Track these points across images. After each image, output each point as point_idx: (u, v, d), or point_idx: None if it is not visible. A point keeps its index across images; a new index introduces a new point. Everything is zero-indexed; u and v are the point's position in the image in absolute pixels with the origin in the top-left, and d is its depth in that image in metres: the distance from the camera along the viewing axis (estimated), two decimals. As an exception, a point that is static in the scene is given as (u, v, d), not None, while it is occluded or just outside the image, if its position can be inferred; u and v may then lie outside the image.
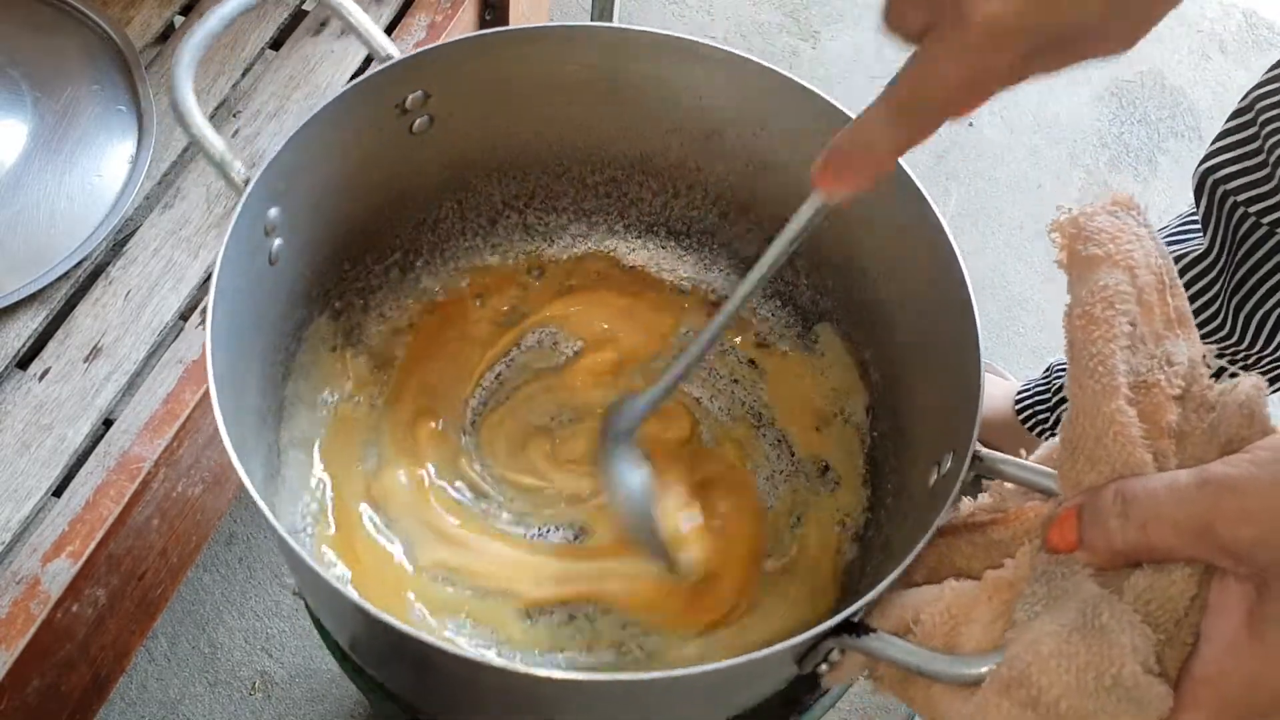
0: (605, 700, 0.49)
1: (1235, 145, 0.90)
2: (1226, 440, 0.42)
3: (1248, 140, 0.88)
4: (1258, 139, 0.87)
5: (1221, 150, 0.91)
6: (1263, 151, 0.87)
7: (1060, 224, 0.47)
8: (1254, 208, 0.88)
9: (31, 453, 0.74)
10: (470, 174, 0.72)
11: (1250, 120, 0.88)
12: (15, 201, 0.82)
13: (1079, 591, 0.41)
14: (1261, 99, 0.87)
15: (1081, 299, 0.45)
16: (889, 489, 0.67)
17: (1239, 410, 0.42)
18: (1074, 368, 0.45)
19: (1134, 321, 0.44)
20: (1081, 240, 0.46)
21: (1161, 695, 0.39)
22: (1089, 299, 0.45)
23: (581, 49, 0.65)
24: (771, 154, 0.68)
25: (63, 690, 0.78)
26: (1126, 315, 0.44)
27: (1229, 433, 0.42)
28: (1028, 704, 0.40)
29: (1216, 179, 0.91)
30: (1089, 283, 0.45)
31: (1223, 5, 1.74)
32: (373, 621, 0.46)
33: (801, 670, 0.51)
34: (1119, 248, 0.46)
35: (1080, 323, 0.45)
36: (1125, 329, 0.44)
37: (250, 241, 0.57)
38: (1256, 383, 0.43)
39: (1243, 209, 0.90)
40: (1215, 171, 0.91)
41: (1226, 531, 0.38)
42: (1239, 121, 0.90)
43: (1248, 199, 0.89)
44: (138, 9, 0.94)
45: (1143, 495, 0.41)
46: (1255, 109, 0.88)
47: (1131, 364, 0.44)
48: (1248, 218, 0.90)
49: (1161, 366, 0.44)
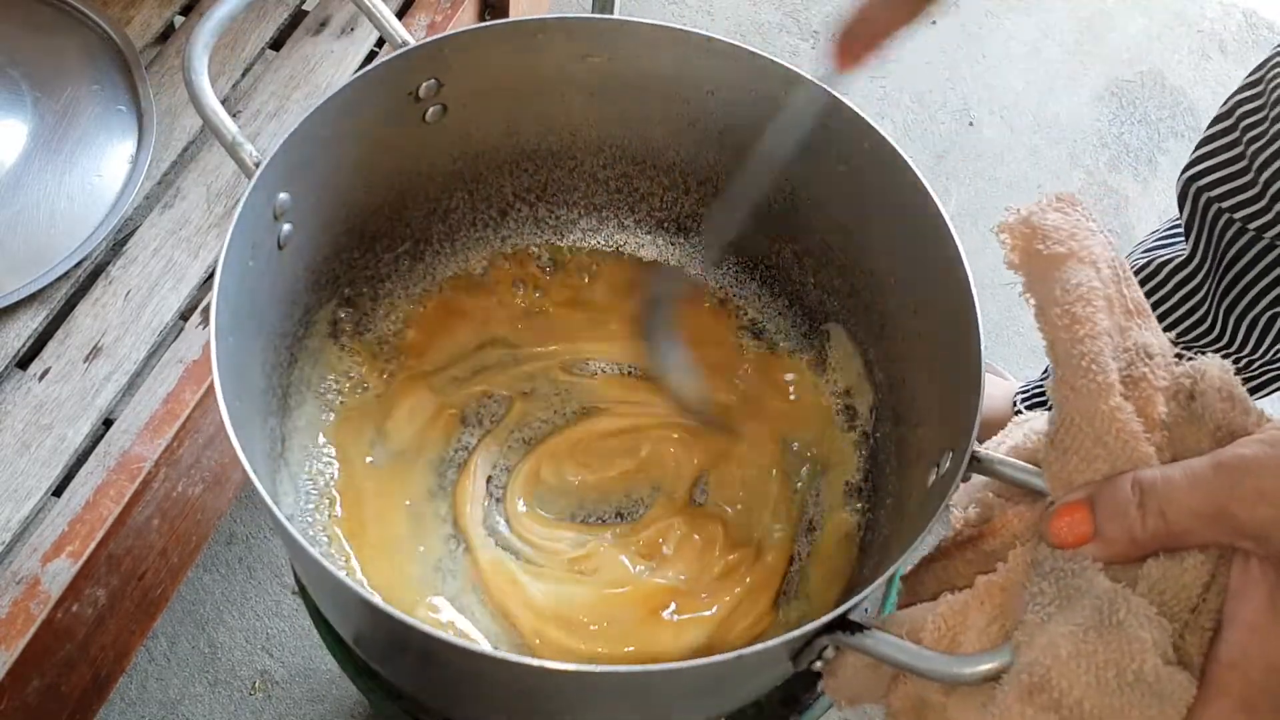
0: (604, 693, 0.50)
1: (1218, 152, 0.90)
2: (1215, 426, 0.42)
3: (1230, 146, 0.89)
4: (1240, 144, 0.87)
5: (1204, 158, 0.91)
6: (1245, 157, 0.87)
7: (1009, 225, 0.47)
8: (1239, 214, 0.88)
9: (31, 453, 0.74)
10: (482, 165, 0.72)
11: (1232, 126, 0.88)
12: (15, 201, 0.82)
13: (1091, 588, 0.41)
14: (1242, 104, 0.87)
15: (1058, 299, 0.45)
16: (888, 489, 0.67)
17: (1218, 395, 0.42)
18: (1062, 369, 0.44)
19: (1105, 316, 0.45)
20: (1039, 239, 0.46)
21: (1183, 685, 0.39)
22: (1066, 298, 0.44)
23: (597, 42, 0.65)
24: (784, 151, 0.68)
25: (63, 690, 0.78)
26: (1103, 310, 0.44)
27: (1215, 419, 0.42)
28: (1050, 708, 0.40)
29: (1200, 186, 0.91)
30: (1060, 281, 0.45)
31: (1223, 5, 1.73)
32: (376, 614, 0.46)
33: (796, 667, 0.51)
34: (1080, 244, 0.45)
35: (1063, 322, 0.44)
36: (1105, 324, 0.44)
37: (259, 225, 0.57)
38: (1223, 364, 0.43)
39: (1227, 215, 0.90)
40: (1199, 179, 0.91)
41: (1244, 512, 0.38)
42: (1220, 128, 0.90)
43: (1233, 205, 0.89)
44: (138, 9, 0.94)
45: (1160, 483, 0.41)
46: (1236, 114, 0.88)
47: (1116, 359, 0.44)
48: (1233, 223, 0.90)
49: (1142, 359, 0.44)
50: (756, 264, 0.76)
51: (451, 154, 0.70)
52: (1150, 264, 1.00)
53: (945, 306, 0.58)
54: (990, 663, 0.43)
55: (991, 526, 0.50)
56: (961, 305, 0.56)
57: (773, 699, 0.63)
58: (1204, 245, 0.94)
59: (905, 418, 0.65)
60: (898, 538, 0.59)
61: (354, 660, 0.65)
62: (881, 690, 0.49)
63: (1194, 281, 0.96)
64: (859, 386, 0.71)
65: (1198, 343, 0.99)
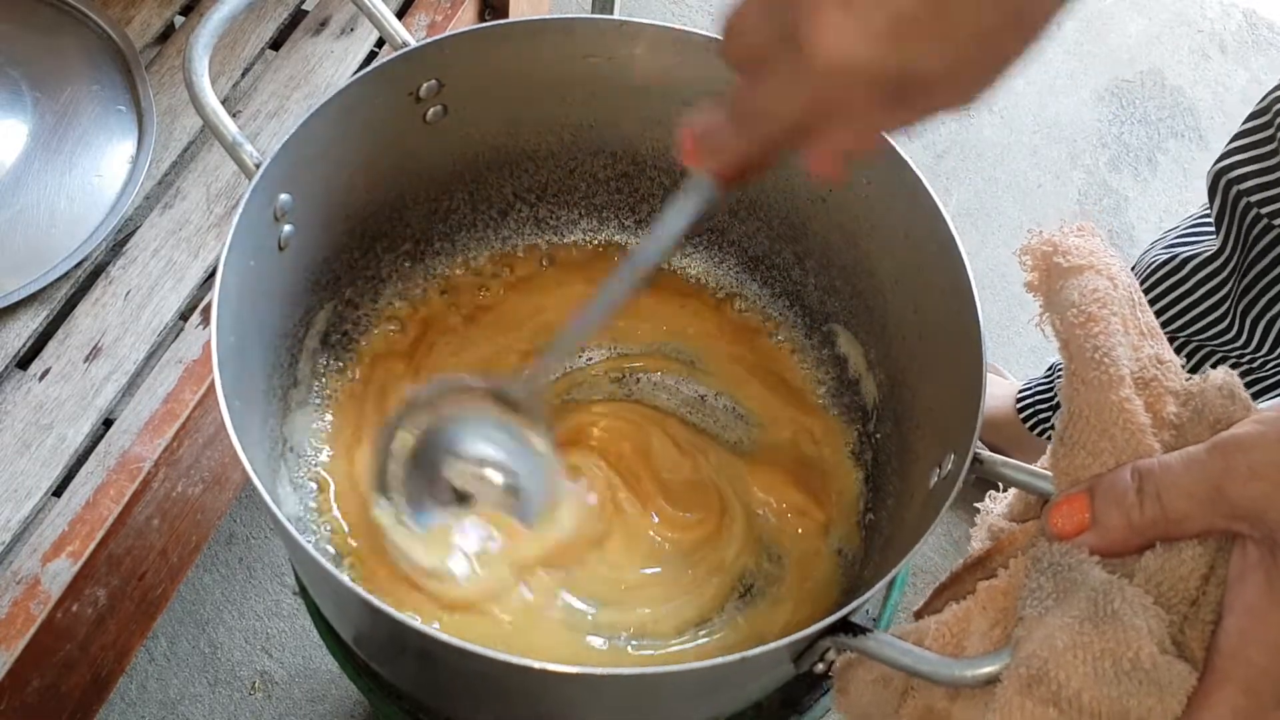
0: (604, 694, 0.50)
1: (1251, 147, 0.90)
2: (1214, 420, 0.43)
3: (1263, 142, 0.88)
4: (1273, 141, 0.87)
5: (1237, 151, 0.91)
6: (1278, 154, 0.87)
7: (1031, 247, 0.49)
8: (1266, 209, 0.88)
9: (31, 453, 0.74)
10: (482, 165, 0.72)
11: (1267, 122, 0.88)
12: (15, 201, 0.82)
13: (1087, 580, 0.41)
14: (1279, 100, 0.87)
15: (1075, 301, 0.46)
16: (890, 490, 0.67)
17: (1219, 392, 0.43)
18: (1074, 364, 0.45)
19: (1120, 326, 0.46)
20: (1060, 254, 0.47)
21: (1181, 674, 0.39)
22: (1083, 300, 0.46)
23: (597, 42, 0.65)
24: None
25: (63, 690, 0.78)
26: (1117, 317, 0.45)
27: (1215, 413, 0.43)
28: (1049, 700, 0.40)
29: (1230, 179, 0.91)
30: (1078, 287, 0.46)
31: (1223, 5, 1.74)
32: (376, 614, 0.46)
33: (798, 669, 0.51)
34: (1100, 260, 0.47)
35: (1079, 320, 0.45)
36: (1118, 328, 0.45)
37: (260, 226, 0.57)
38: (1229, 371, 0.44)
39: (1255, 210, 0.90)
40: (1229, 172, 0.91)
41: (1236, 490, 0.38)
42: (1256, 123, 0.90)
43: (1261, 200, 0.89)
44: (138, 9, 0.94)
45: (1158, 469, 0.41)
46: (1272, 110, 0.88)
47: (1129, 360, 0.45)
48: (1260, 219, 0.90)
49: (1154, 364, 0.45)
50: (757, 264, 0.76)
51: (452, 154, 0.70)
52: (1174, 259, 1.00)
53: (946, 306, 0.58)
54: (991, 665, 0.43)
55: (999, 544, 0.50)
56: (962, 305, 0.56)
57: (773, 700, 0.63)
58: (1233, 239, 0.93)
59: (906, 418, 0.65)
60: (899, 540, 0.59)
61: (354, 660, 0.64)
62: (892, 706, 0.49)
63: (1220, 276, 0.96)
64: (860, 386, 0.71)
65: (1213, 341, 0.99)
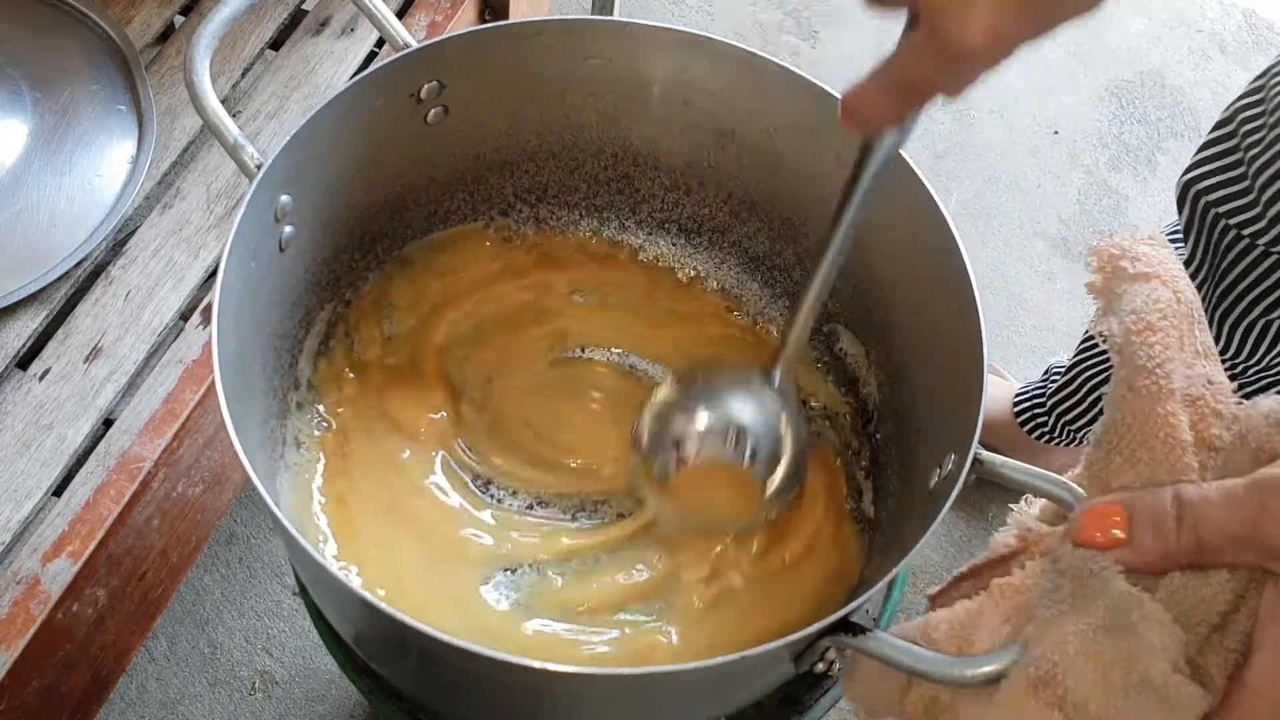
0: (604, 694, 0.50)
1: (1217, 157, 0.89)
2: (1257, 447, 0.42)
3: (1230, 152, 0.88)
4: (1238, 150, 0.87)
5: (1204, 161, 0.91)
6: (1243, 164, 0.86)
7: (1100, 248, 0.48)
8: (1234, 219, 0.88)
9: (31, 453, 0.74)
10: (483, 166, 0.72)
11: (1232, 132, 0.88)
12: (15, 201, 0.82)
13: (1107, 589, 0.41)
14: (1243, 110, 0.87)
15: (1137, 308, 0.45)
16: (890, 490, 0.67)
17: (1265, 420, 0.43)
18: (1125, 370, 0.44)
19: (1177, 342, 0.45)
20: (1129, 259, 0.47)
21: (1193, 696, 0.39)
22: (1145, 309, 0.45)
23: (597, 43, 0.65)
24: (784, 153, 0.68)
25: (63, 690, 0.78)
26: (1176, 331, 0.45)
27: (1258, 440, 0.42)
28: (1055, 704, 0.40)
29: (1198, 190, 0.91)
30: (1142, 294, 0.45)
31: (1223, 5, 1.74)
32: (376, 614, 0.46)
33: (798, 669, 0.51)
34: (1166, 270, 0.47)
35: (1137, 327, 0.45)
36: (1175, 341, 0.45)
37: (260, 228, 0.57)
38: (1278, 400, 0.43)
39: (1224, 221, 0.89)
40: (1197, 183, 0.91)
41: (1273, 532, 0.38)
42: (1221, 133, 0.89)
43: (1229, 210, 0.88)
44: (138, 9, 0.94)
45: (1197, 500, 0.40)
46: (1236, 120, 0.87)
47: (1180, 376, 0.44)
48: (1229, 230, 0.89)
49: (1205, 384, 0.44)
50: (757, 264, 0.76)
51: (453, 155, 0.70)
52: None
53: (946, 307, 0.58)
54: (990, 665, 0.42)
55: (1024, 545, 0.50)
56: (963, 305, 0.56)
57: (773, 700, 0.63)
58: (1202, 248, 0.93)
59: (907, 419, 0.65)
60: (899, 540, 0.59)
61: (354, 660, 0.65)
62: (896, 696, 0.49)
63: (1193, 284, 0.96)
64: (860, 386, 0.71)
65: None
